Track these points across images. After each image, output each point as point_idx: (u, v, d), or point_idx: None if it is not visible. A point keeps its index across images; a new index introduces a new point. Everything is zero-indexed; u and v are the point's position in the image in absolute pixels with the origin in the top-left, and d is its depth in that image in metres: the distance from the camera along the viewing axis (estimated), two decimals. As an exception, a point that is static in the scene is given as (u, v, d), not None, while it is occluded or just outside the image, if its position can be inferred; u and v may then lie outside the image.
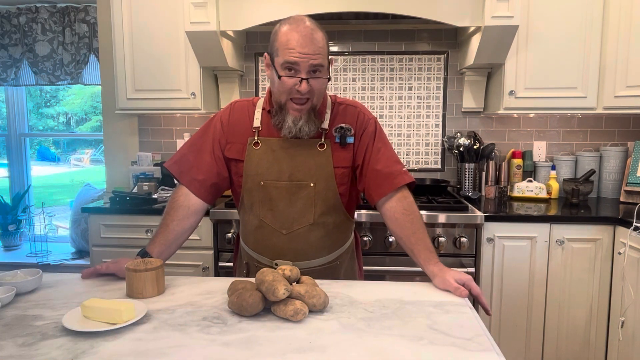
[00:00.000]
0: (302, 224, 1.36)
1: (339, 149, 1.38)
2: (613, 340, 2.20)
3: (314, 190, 1.35)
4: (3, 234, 3.37)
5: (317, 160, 1.35)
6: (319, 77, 1.27)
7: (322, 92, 1.32)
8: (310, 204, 1.35)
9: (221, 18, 2.36)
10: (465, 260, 2.21)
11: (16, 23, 3.13)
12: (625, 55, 2.34)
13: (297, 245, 1.38)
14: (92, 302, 1.06)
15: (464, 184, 2.68)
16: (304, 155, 1.35)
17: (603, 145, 2.77)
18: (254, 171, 1.36)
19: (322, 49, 1.26)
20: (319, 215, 1.37)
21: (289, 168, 1.35)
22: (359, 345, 0.95)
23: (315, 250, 1.40)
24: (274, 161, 1.35)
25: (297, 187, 1.35)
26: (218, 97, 2.88)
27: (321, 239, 1.39)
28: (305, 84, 1.25)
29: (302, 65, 1.23)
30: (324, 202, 1.37)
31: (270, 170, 1.35)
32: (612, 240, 2.19)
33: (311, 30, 1.25)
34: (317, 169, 1.35)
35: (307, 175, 1.35)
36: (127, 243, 2.39)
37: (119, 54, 2.59)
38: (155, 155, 2.95)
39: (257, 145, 1.37)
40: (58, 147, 5.01)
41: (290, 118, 1.30)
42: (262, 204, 1.37)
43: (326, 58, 1.29)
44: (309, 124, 1.31)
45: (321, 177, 1.35)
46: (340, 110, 1.42)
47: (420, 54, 2.80)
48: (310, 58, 1.23)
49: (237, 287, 1.16)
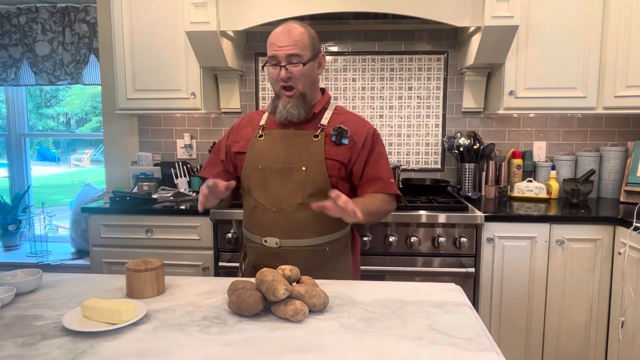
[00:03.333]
0: (291, 202, 1.48)
1: (334, 145, 1.51)
2: (613, 340, 2.20)
3: (304, 174, 1.48)
4: (3, 234, 3.37)
5: (310, 148, 1.50)
6: (296, 64, 1.45)
7: (305, 78, 1.48)
8: (301, 186, 1.48)
9: (221, 18, 2.37)
10: (465, 260, 2.21)
11: (16, 23, 3.13)
12: (625, 55, 2.34)
13: (284, 224, 1.49)
14: (92, 302, 1.06)
15: (464, 184, 2.68)
16: (299, 144, 1.51)
17: (603, 145, 2.77)
18: (254, 157, 1.53)
19: (299, 42, 1.45)
20: (307, 196, 1.47)
21: (285, 154, 1.50)
22: (359, 346, 0.95)
23: (302, 230, 1.49)
24: (273, 149, 1.52)
25: (289, 170, 1.49)
26: (218, 97, 2.88)
27: (308, 220, 1.48)
28: (283, 71, 1.45)
29: (280, 56, 1.45)
30: (313, 185, 1.48)
31: (269, 156, 1.52)
32: (612, 240, 2.19)
33: (290, 27, 1.46)
34: (309, 155, 1.49)
35: (300, 161, 1.49)
36: (127, 243, 2.39)
37: (119, 54, 2.59)
38: (155, 155, 2.95)
39: (261, 137, 1.56)
40: (58, 147, 5.02)
41: (282, 103, 1.50)
42: (258, 185, 1.52)
43: (306, 49, 1.46)
44: (298, 109, 1.49)
45: (312, 162, 1.48)
46: (341, 116, 1.57)
47: (420, 54, 2.80)
48: (286, 49, 1.44)
49: (237, 287, 1.16)
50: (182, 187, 2.79)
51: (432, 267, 2.21)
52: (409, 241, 2.18)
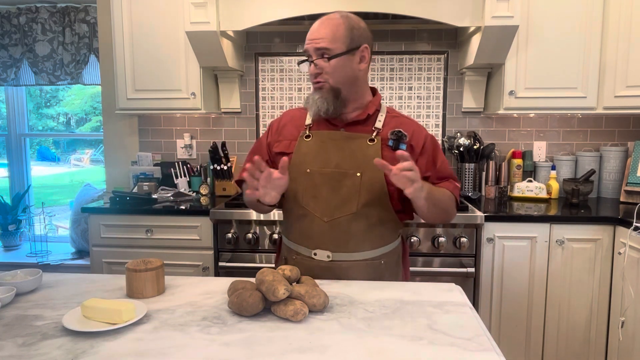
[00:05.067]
0: (345, 212, 1.36)
1: (390, 150, 1.39)
2: (613, 340, 2.20)
3: (359, 180, 1.36)
4: (3, 234, 3.37)
5: (365, 152, 1.38)
6: (325, 59, 1.35)
7: (338, 73, 1.36)
8: (355, 193, 1.35)
9: (221, 18, 2.36)
10: (465, 260, 2.21)
11: (16, 23, 3.13)
12: (625, 55, 2.34)
13: (337, 235, 1.37)
14: (92, 302, 1.06)
15: (464, 184, 2.68)
16: (352, 148, 1.39)
17: (603, 145, 2.77)
18: (300, 159, 1.40)
19: (330, 34, 1.34)
20: (363, 205, 1.36)
21: (337, 158, 1.38)
22: (359, 346, 0.95)
23: (356, 242, 1.38)
24: (322, 151, 1.40)
25: (342, 175, 1.37)
26: (218, 97, 2.88)
27: (363, 231, 1.38)
28: (312, 66, 1.36)
29: (310, 50, 1.37)
30: (369, 192, 1.36)
31: (317, 158, 1.39)
32: (612, 240, 2.19)
33: (326, 18, 1.38)
34: (365, 159, 1.36)
35: (353, 165, 1.37)
36: (127, 243, 2.39)
37: (119, 54, 2.59)
38: (155, 155, 2.96)
39: (309, 137, 1.43)
40: (58, 147, 5.01)
41: (312, 96, 1.39)
42: (306, 191, 1.38)
43: (338, 42, 1.35)
44: (327, 103, 1.36)
45: (368, 168, 1.36)
46: (396, 119, 1.46)
47: (420, 54, 2.80)
48: (315, 43, 1.35)
49: (237, 287, 1.16)
50: (182, 187, 2.79)
51: (432, 267, 2.21)
52: (409, 241, 2.18)
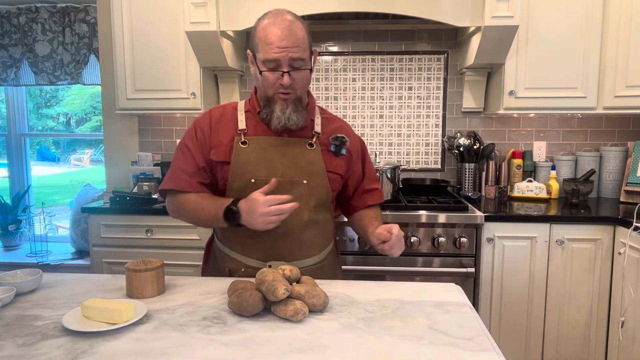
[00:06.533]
0: (297, 221, 1.32)
1: (332, 156, 1.40)
2: (613, 340, 2.20)
3: (307, 187, 1.34)
4: (3, 234, 3.37)
5: (307, 158, 1.35)
6: (301, 69, 1.27)
7: (305, 83, 1.32)
8: (305, 202, 1.33)
9: (221, 18, 2.36)
10: (465, 260, 2.21)
11: (16, 23, 3.13)
12: (625, 55, 2.34)
13: (291, 244, 1.35)
14: (92, 302, 1.06)
15: (464, 184, 2.68)
16: (294, 153, 1.35)
17: (603, 145, 2.77)
18: (242, 169, 1.33)
19: (302, 41, 1.25)
20: (312, 213, 1.36)
21: (281, 165, 1.33)
22: (359, 345, 0.95)
23: (308, 249, 1.38)
24: (264, 159, 1.33)
25: (290, 184, 1.33)
26: (218, 97, 2.88)
27: (313, 238, 1.39)
28: (287, 77, 1.25)
29: (282, 60, 1.24)
30: (317, 199, 1.36)
31: (261, 167, 1.33)
32: (612, 240, 2.19)
33: (290, 23, 1.25)
34: (309, 166, 1.35)
35: (299, 173, 1.34)
36: (127, 243, 2.39)
37: (119, 54, 2.59)
38: (155, 155, 2.95)
39: (245, 144, 1.34)
40: (58, 147, 5.02)
41: (278, 107, 1.30)
42: None
43: (307, 50, 1.28)
44: (297, 114, 1.31)
45: (313, 175, 1.35)
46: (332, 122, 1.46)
47: (420, 54, 2.80)
48: (290, 51, 1.23)
49: (237, 287, 1.16)
50: (182, 187, 2.78)
51: (432, 267, 2.21)
52: (409, 241, 2.18)
